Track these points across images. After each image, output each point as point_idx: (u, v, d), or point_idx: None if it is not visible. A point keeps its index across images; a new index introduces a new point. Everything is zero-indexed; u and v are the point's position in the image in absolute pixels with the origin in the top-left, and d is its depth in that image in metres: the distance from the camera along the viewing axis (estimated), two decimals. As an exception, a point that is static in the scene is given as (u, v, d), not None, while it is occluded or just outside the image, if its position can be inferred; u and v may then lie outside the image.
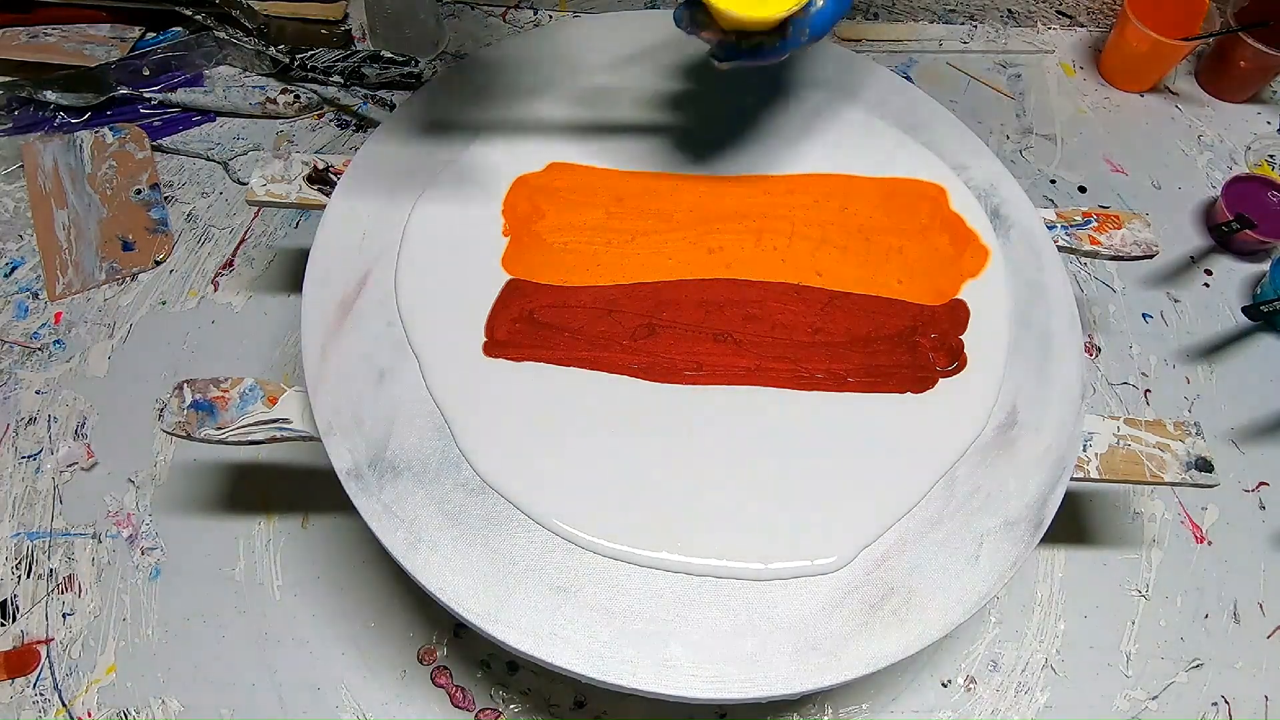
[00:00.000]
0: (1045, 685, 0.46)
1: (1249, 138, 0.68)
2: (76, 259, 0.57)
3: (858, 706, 0.45)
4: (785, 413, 0.39)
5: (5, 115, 0.62)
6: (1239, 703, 0.46)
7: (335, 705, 0.44)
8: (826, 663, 0.34)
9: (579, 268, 0.43)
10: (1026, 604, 0.48)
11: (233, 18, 0.66)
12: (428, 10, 0.67)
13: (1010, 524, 0.37)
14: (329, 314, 0.41)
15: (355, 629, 0.46)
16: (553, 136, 0.47)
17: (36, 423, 0.51)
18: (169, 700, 0.44)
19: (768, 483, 0.38)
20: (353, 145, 0.64)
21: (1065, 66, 0.72)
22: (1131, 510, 0.51)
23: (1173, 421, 0.43)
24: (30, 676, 0.44)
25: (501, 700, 0.45)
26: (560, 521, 0.36)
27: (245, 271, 0.57)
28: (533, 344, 0.40)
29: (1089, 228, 0.49)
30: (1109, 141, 0.67)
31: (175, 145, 0.62)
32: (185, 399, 0.40)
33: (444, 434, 0.38)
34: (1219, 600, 0.49)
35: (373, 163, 0.46)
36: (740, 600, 0.35)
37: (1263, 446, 0.54)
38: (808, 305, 0.42)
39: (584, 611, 0.35)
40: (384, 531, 0.36)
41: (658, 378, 0.40)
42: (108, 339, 0.54)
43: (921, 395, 0.40)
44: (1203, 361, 0.57)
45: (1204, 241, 0.62)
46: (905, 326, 0.42)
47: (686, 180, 0.46)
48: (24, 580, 0.46)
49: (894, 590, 0.36)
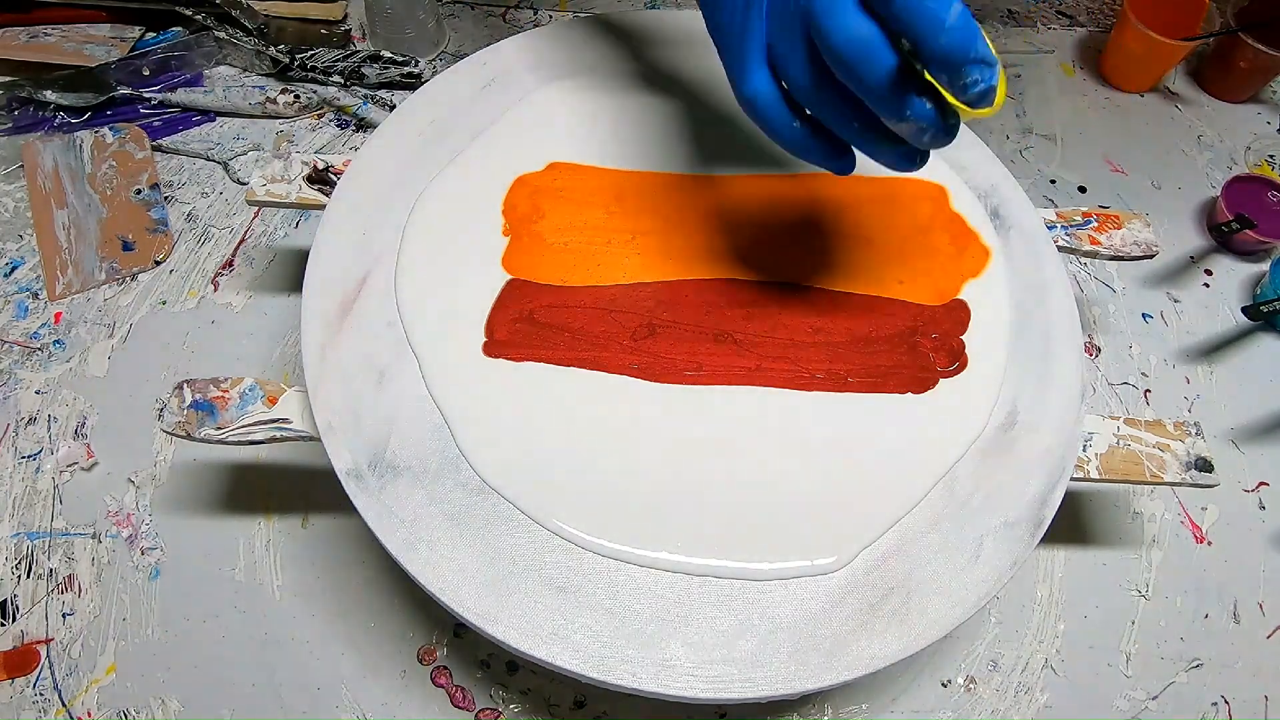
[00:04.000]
0: (1045, 685, 0.46)
1: (1249, 138, 0.68)
2: (76, 259, 0.57)
3: (858, 706, 0.45)
4: (785, 413, 0.39)
5: (5, 115, 0.62)
6: (1239, 703, 0.46)
7: (335, 705, 0.44)
8: (826, 663, 0.34)
9: (579, 268, 0.43)
10: (1026, 604, 0.48)
11: (233, 18, 0.66)
12: (428, 10, 0.67)
13: (1010, 524, 0.37)
14: (329, 314, 0.41)
15: (355, 629, 0.46)
16: (553, 136, 0.47)
17: (36, 423, 0.51)
18: (169, 700, 0.44)
19: (768, 483, 0.38)
20: (353, 145, 0.64)
21: (1065, 66, 0.72)
22: (1131, 510, 0.51)
23: (1173, 421, 0.43)
24: (30, 676, 0.44)
25: (501, 700, 0.45)
26: (560, 521, 0.36)
27: (245, 271, 0.57)
28: (533, 344, 0.40)
29: (1089, 228, 0.49)
30: (1109, 141, 0.67)
31: (175, 145, 0.62)
32: (185, 399, 0.40)
33: (444, 434, 0.38)
34: (1219, 600, 0.49)
35: (373, 163, 0.46)
36: (740, 600, 0.35)
37: (1263, 446, 0.54)
38: (808, 305, 0.42)
39: (584, 611, 0.35)
40: (384, 531, 0.36)
41: (658, 378, 0.40)
42: (108, 339, 0.54)
43: (922, 395, 0.40)
44: (1203, 361, 0.57)
45: (1204, 241, 0.63)
46: (906, 327, 0.42)
47: (687, 180, 0.46)
48: (24, 580, 0.46)
49: (894, 590, 0.36)
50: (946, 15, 0.27)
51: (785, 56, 0.32)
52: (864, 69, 0.29)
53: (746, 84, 0.33)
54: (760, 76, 0.33)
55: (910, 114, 0.29)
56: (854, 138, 0.33)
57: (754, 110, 0.33)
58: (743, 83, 0.33)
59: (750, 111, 0.34)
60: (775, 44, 0.32)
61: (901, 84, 0.29)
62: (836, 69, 0.30)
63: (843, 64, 0.29)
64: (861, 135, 0.32)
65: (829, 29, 0.29)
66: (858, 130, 0.32)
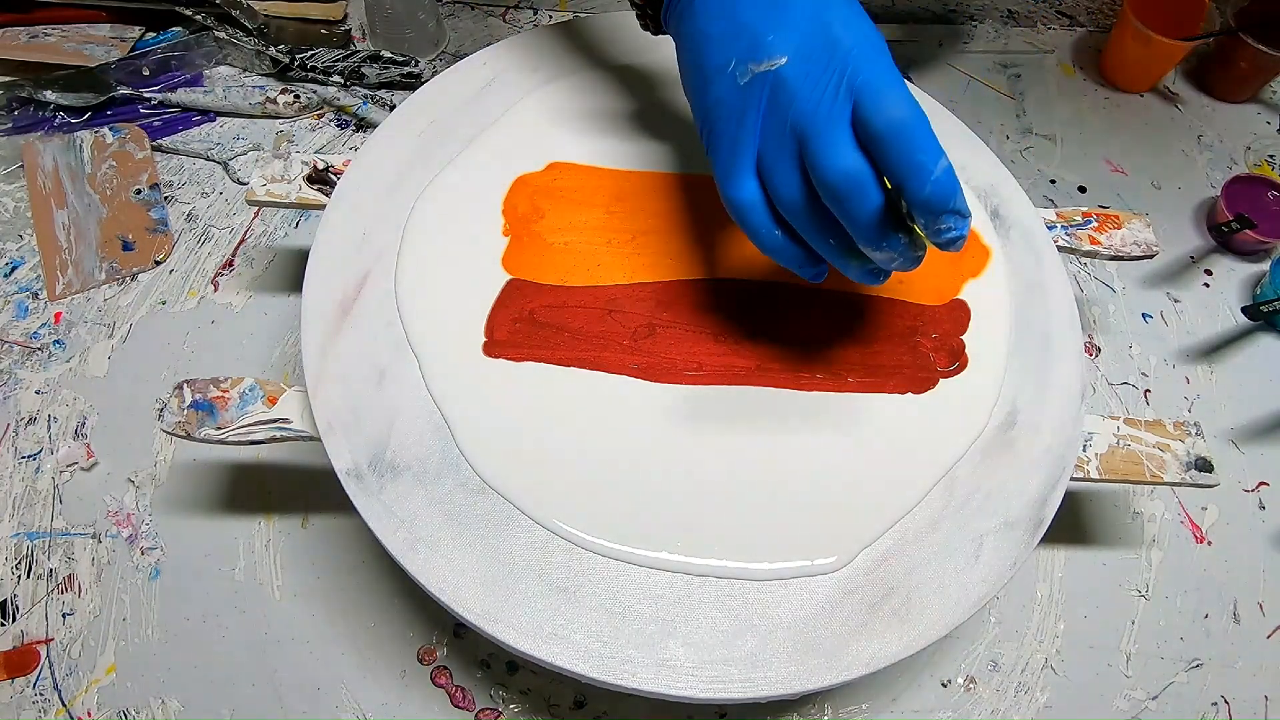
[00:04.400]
0: (1045, 685, 0.46)
1: (1249, 138, 0.68)
2: (76, 259, 0.57)
3: (858, 706, 0.45)
4: (785, 413, 0.39)
5: (5, 115, 0.62)
6: (1239, 703, 0.46)
7: (335, 705, 0.44)
8: (826, 663, 0.34)
9: (579, 268, 0.43)
10: (1026, 604, 0.48)
11: (233, 18, 0.66)
12: (428, 10, 0.67)
13: (1010, 524, 0.38)
14: (329, 314, 0.41)
15: (355, 629, 0.46)
16: (553, 136, 0.47)
17: (36, 423, 0.51)
18: (169, 700, 0.44)
19: (768, 482, 0.38)
20: (353, 145, 0.64)
21: (1065, 66, 0.72)
22: (1131, 510, 0.51)
23: (1173, 421, 0.43)
24: (30, 676, 0.44)
25: (501, 700, 0.45)
26: (560, 521, 0.36)
27: (245, 271, 0.57)
28: (533, 344, 0.40)
29: (1089, 228, 0.49)
30: (1109, 141, 0.67)
31: (175, 145, 0.62)
32: (185, 399, 0.40)
33: (444, 434, 0.38)
34: (1219, 600, 0.49)
35: (373, 163, 0.46)
36: (740, 600, 0.35)
37: (1263, 446, 0.54)
38: (808, 305, 0.42)
39: (584, 611, 0.35)
40: (384, 531, 0.36)
41: (658, 378, 0.40)
42: (108, 339, 0.54)
43: (922, 395, 0.40)
44: (1203, 361, 0.57)
45: (1204, 241, 0.63)
46: (906, 327, 0.42)
47: (687, 179, 0.46)
48: (24, 580, 0.46)
49: (894, 590, 0.36)
50: (934, 168, 0.29)
51: (774, 170, 0.33)
52: (853, 204, 0.31)
53: (736, 189, 0.34)
54: (749, 184, 0.34)
55: (886, 245, 0.32)
56: (828, 253, 0.34)
57: (739, 214, 0.35)
58: (731, 186, 0.34)
59: (735, 213, 0.35)
60: (765, 154, 0.33)
61: (884, 220, 0.31)
62: (826, 197, 0.31)
63: (833, 195, 0.31)
64: (835, 252, 0.34)
65: (823, 160, 0.30)
66: (833, 247, 0.34)
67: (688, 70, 0.37)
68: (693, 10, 0.35)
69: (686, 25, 0.36)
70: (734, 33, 0.33)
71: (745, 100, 0.33)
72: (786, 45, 0.32)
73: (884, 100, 0.30)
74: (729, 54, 0.33)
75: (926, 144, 0.30)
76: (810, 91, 0.31)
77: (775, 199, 0.34)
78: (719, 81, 0.34)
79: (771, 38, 0.32)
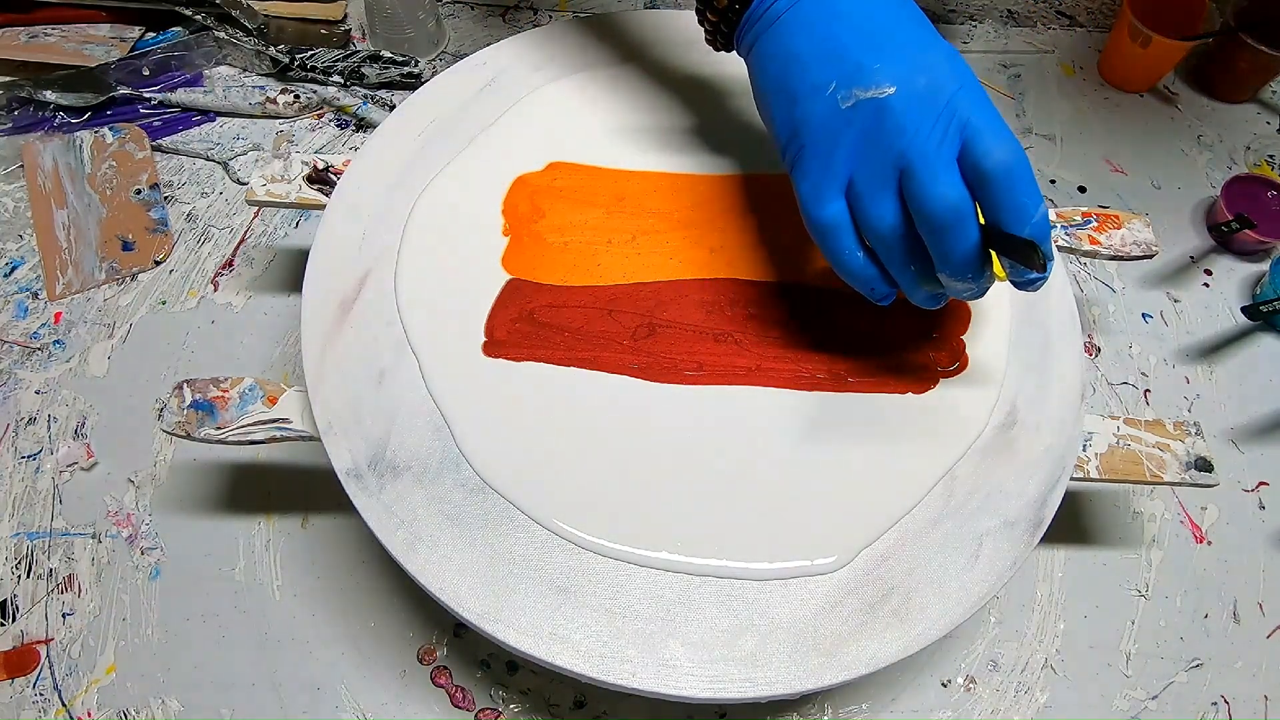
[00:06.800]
0: (1045, 685, 0.46)
1: (1249, 138, 0.68)
2: (76, 259, 0.57)
3: (858, 706, 0.45)
4: (785, 413, 0.39)
5: (5, 115, 0.62)
6: (1239, 703, 0.46)
7: (335, 705, 0.44)
8: (826, 663, 0.34)
9: (579, 267, 0.43)
10: (1026, 604, 0.48)
11: (233, 18, 0.66)
12: (428, 10, 0.67)
13: (1010, 524, 0.37)
14: (329, 314, 0.41)
15: (355, 629, 0.46)
16: (553, 136, 0.47)
17: (36, 423, 0.51)
18: (169, 700, 0.44)
19: (768, 482, 0.38)
20: (353, 145, 0.64)
21: (1065, 66, 0.72)
22: (1131, 510, 0.51)
23: (1172, 421, 0.43)
24: (30, 676, 0.44)
25: (501, 700, 0.45)
26: (560, 521, 0.36)
27: (245, 271, 0.57)
28: (533, 344, 0.40)
29: (1089, 228, 0.49)
30: (1109, 141, 0.67)
31: (175, 145, 0.62)
32: (185, 399, 0.40)
33: (444, 434, 0.38)
34: (1219, 600, 0.49)
35: (373, 163, 0.46)
36: (740, 600, 0.35)
37: (1263, 446, 0.54)
38: (808, 305, 0.42)
39: (584, 611, 0.35)
40: (384, 531, 0.36)
41: (658, 378, 0.40)
42: (108, 339, 0.54)
43: (922, 395, 0.40)
44: (1202, 361, 0.57)
45: (1204, 241, 0.62)
46: (906, 327, 0.42)
47: (687, 179, 0.46)
48: (24, 580, 0.46)
49: (894, 590, 0.36)
50: (1034, 212, 0.31)
51: (869, 195, 0.33)
52: (952, 236, 0.31)
53: (823, 210, 0.34)
54: (838, 205, 0.34)
55: (971, 277, 0.33)
56: (905, 279, 0.35)
57: (823, 233, 0.35)
58: (819, 206, 0.34)
59: (818, 233, 0.35)
60: (859, 179, 0.33)
61: (978, 255, 0.32)
62: (923, 227, 0.32)
63: (933, 226, 0.31)
64: (913, 279, 0.34)
65: (932, 192, 0.31)
66: (913, 274, 0.34)
67: (770, 87, 0.36)
68: (778, 30, 0.35)
69: (769, 45, 0.36)
70: (833, 55, 0.33)
71: (845, 123, 0.33)
72: (893, 76, 0.32)
73: (994, 142, 0.31)
74: (827, 75, 0.33)
75: (1030, 189, 0.31)
76: (920, 125, 0.31)
77: (864, 223, 0.34)
78: (814, 100, 0.34)
79: (877, 65, 0.32)
